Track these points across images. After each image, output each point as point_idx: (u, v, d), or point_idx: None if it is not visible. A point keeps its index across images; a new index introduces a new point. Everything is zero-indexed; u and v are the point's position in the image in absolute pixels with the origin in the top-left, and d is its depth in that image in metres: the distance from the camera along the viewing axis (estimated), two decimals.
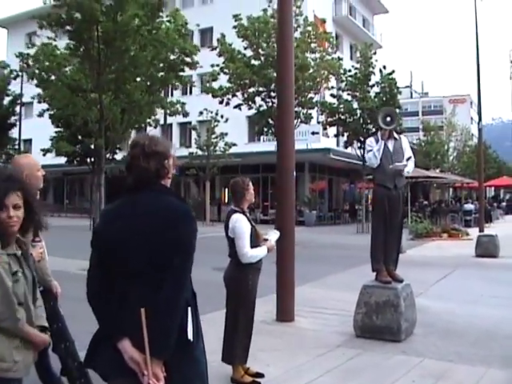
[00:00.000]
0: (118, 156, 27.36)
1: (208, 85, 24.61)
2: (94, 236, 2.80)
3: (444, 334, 7.37)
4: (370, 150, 7.42)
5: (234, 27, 23.04)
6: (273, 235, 5.65)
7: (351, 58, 42.50)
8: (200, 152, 33.04)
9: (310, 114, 26.32)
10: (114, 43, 11.93)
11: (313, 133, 33.14)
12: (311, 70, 23.36)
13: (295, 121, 25.64)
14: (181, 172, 33.92)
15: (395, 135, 7.57)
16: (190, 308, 2.73)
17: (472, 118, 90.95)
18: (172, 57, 13.67)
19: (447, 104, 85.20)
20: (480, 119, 26.51)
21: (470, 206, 33.81)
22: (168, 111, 14.97)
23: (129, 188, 2.85)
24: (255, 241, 5.38)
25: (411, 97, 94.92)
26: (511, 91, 50.75)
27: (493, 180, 53.35)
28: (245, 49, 23.72)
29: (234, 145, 33.02)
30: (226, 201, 38.53)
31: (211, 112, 31.22)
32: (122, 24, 11.54)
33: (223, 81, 24.13)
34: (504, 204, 55.28)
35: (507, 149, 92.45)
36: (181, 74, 14.20)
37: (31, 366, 3.09)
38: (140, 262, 2.64)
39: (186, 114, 16.01)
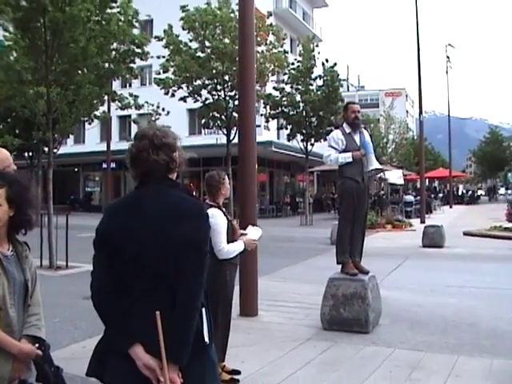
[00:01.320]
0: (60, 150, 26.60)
1: (157, 76, 24.27)
2: (98, 234, 2.60)
3: (410, 324, 7.46)
4: (335, 149, 7.35)
5: (182, 18, 22.73)
6: (253, 231, 5.51)
7: (291, 51, 42.69)
8: None
9: (257, 106, 26.23)
10: (62, 34, 11.51)
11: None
12: (258, 63, 23.31)
13: None
14: (121, 166, 33.30)
15: (362, 128, 7.58)
16: (204, 309, 2.61)
17: (407, 111, 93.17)
18: (122, 48, 13.30)
19: (383, 97, 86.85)
20: (421, 112, 27.11)
21: (410, 198, 34.55)
22: (119, 104, 14.55)
23: (138, 182, 2.70)
24: (231, 236, 5.25)
25: (348, 90, 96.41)
26: (447, 85, 51.92)
27: (431, 172, 54.80)
28: (190, 41, 23.41)
29: None
30: None
31: (152, 105, 30.75)
32: (71, 14, 11.13)
33: (168, 72, 23.79)
34: (441, 195, 56.78)
35: (440, 141, 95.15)
36: (131, 65, 13.84)
37: (5, 380, 2.76)
38: (152, 260, 2.48)
39: (139, 107, 15.63)
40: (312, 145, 30.02)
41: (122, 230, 2.55)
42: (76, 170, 46.67)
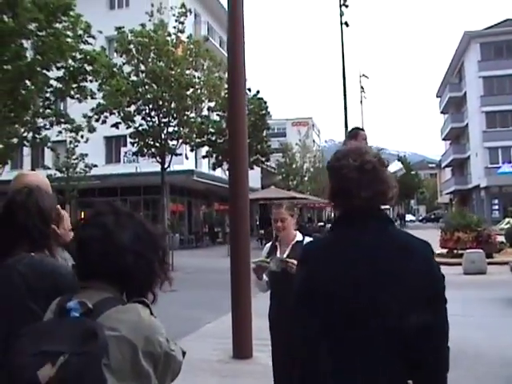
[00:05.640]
0: None
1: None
2: (306, 285, 2.07)
3: None
4: None
5: (117, 41, 21.84)
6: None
7: None
8: (59, 174, 30.94)
9: (191, 133, 25.60)
10: (6, 46, 10.54)
11: (176, 154, 32.43)
12: (197, 88, 22.81)
13: (177, 142, 24.97)
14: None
15: None
16: None
17: (314, 141, 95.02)
18: (73, 64, 12.40)
19: (290, 126, 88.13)
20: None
21: None
22: (70, 126, 13.54)
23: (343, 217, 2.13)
24: None
25: None
26: (361, 114, 53.91)
27: None
28: (123, 64, 22.56)
29: (95, 166, 31.34)
30: None
31: (70, 131, 29.32)
32: (16, 25, 10.19)
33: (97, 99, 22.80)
34: None
35: None
36: (82, 84, 12.92)
37: None
38: (381, 313, 1.96)
39: (92, 130, 14.63)
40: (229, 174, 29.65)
41: (343, 282, 2.02)
42: None
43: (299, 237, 4.81)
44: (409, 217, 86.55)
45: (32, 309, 2.26)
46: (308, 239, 4.76)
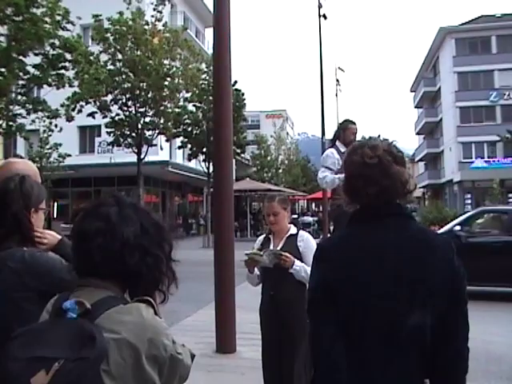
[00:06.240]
0: None
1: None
2: (323, 287, 1.97)
3: None
4: (330, 170, 6.85)
5: (94, 29, 21.44)
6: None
7: None
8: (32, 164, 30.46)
9: (168, 124, 25.30)
10: None
11: (151, 145, 32.18)
12: (175, 78, 22.53)
13: (154, 132, 24.71)
14: None
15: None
16: None
17: (288, 133, 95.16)
18: (52, 52, 12.03)
19: (264, 119, 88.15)
20: (323, 134, 27.27)
21: (309, 219, 34.90)
22: (47, 114, 13.23)
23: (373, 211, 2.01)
24: None
25: None
26: (336, 108, 54.02)
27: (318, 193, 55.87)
28: (100, 53, 22.17)
29: (69, 155, 30.90)
30: (55, 215, 36.29)
31: (44, 120, 28.89)
32: None
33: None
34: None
35: (313, 162, 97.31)
36: (62, 72, 12.55)
37: None
38: (404, 316, 1.88)
39: (71, 119, 14.27)
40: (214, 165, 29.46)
41: (361, 275, 1.93)
42: None
43: (293, 230, 4.66)
44: None
45: (25, 309, 2.10)
46: (302, 233, 4.65)
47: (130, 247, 1.67)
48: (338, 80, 41.86)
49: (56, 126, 26.13)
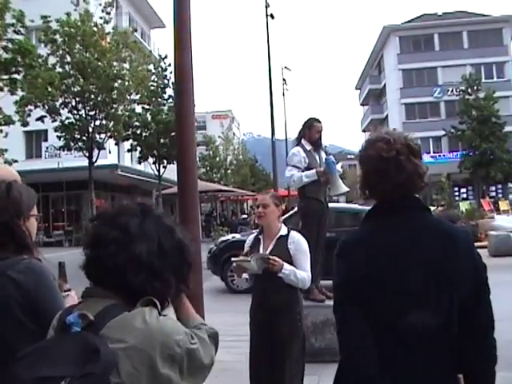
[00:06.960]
0: None
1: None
2: (349, 284, 1.95)
3: None
4: (297, 168, 6.82)
5: (43, 31, 20.89)
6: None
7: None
8: None
9: (118, 127, 24.92)
10: None
11: (101, 148, 31.73)
12: (125, 80, 22.20)
13: (105, 136, 24.27)
14: None
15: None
16: None
17: (234, 134, 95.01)
18: (4, 56, 11.61)
19: (210, 119, 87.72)
20: (273, 133, 27.34)
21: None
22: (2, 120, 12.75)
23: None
24: None
25: None
26: (283, 107, 53.98)
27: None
28: (48, 55, 21.60)
29: (16, 161, 30.11)
30: None
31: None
32: None
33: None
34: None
35: (260, 162, 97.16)
36: (15, 76, 12.12)
37: None
38: (436, 311, 1.89)
39: (25, 124, 13.76)
40: (165, 167, 29.24)
41: (386, 269, 1.92)
42: None
43: (284, 231, 4.53)
44: None
45: (27, 326, 2.01)
46: (293, 234, 4.56)
47: (137, 265, 1.60)
48: (284, 79, 41.97)
49: (1, 131, 25.45)
